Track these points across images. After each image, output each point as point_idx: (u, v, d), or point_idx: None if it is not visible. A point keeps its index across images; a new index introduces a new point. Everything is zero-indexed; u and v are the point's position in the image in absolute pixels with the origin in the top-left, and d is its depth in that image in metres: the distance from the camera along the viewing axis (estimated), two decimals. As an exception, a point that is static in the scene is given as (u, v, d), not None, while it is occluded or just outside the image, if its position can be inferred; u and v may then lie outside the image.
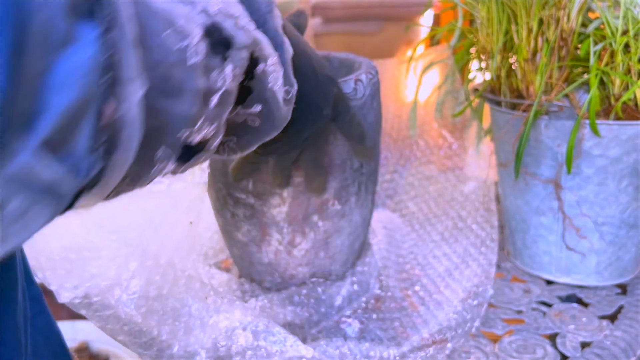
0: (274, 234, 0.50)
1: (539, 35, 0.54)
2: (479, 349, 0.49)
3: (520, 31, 0.55)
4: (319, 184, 0.47)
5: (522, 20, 0.54)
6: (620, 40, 0.50)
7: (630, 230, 0.55)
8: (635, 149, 0.51)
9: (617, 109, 0.51)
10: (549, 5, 0.52)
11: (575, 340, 0.50)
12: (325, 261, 0.52)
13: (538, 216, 0.57)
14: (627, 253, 0.56)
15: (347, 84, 0.46)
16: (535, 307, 0.55)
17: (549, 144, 0.54)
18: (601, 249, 0.56)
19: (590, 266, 0.57)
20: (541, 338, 0.50)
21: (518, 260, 0.62)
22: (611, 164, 0.52)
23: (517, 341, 0.50)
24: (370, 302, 0.54)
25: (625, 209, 0.54)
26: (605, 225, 0.55)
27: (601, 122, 0.50)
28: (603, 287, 0.58)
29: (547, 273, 0.59)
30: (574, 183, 0.54)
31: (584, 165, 0.53)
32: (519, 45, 0.55)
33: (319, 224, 0.49)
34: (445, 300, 0.54)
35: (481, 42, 0.60)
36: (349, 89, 0.46)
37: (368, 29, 2.43)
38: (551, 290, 0.58)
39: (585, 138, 0.51)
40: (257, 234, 0.50)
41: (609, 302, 0.55)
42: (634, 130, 0.50)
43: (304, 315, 0.50)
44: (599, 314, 0.54)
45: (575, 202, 0.54)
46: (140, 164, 0.23)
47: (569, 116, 0.52)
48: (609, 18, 0.51)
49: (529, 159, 0.56)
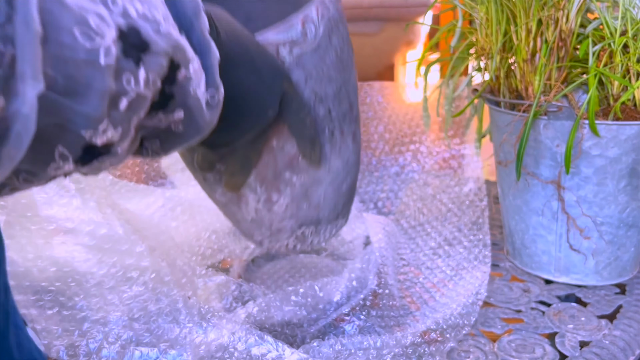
0: (249, 194, 0.47)
1: (537, 36, 0.54)
2: (478, 348, 0.49)
3: (519, 32, 0.55)
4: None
5: (521, 21, 0.55)
6: (619, 41, 0.50)
7: (629, 230, 0.55)
8: (634, 149, 0.51)
9: (616, 110, 0.51)
10: (547, 5, 0.53)
11: (574, 339, 0.50)
12: (311, 211, 0.49)
13: (537, 216, 0.57)
14: (625, 253, 0.57)
15: (293, 29, 0.40)
16: (534, 307, 0.55)
17: (548, 144, 0.54)
18: (600, 248, 0.56)
19: (589, 266, 0.57)
20: (540, 337, 0.51)
21: (517, 260, 0.63)
22: (610, 164, 0.52)
23: (516, 340, 0.50)
24: (369, 298, 0.54)
25: (624, 208, 0.54)
26: (604, 225, 0.55)
27: (600, 123, 0.51)
28: (602, 286, 0.58)
29: (546, 273, 0.59)
30: (573, 183, 0.54)
31: (582, 165, 0.53)
32: (518, 46, 0.55)
33: (293, 179, 0.47)
34: (445, 297, 0.54)
35: (480, 42, 0.60)
36: (296, 34, 0.40)
37: (368, 30, 2.44)
38: (550, 290, 0.58)
39: (584, 138, 0.52)
40: (232, 195, 0.48)
41: (607, 301, 0.56)
42: (632, 131, 0.50)
43: (302, 314, 0.50)
44: (597, 313, 0.54)
45: (574, 202, 0.54)
46: (35, 161, 0.23)
47: (568, 116, 0.52)
48: (608, 19, 0.51)
49: (528, 159, 0.56)
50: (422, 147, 0.77)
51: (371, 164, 0.79)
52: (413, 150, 0.78)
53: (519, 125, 0.54)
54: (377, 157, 0.78)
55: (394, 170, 0.78)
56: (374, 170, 0.79)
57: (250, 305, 0.50)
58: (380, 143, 0.77)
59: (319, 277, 0.56)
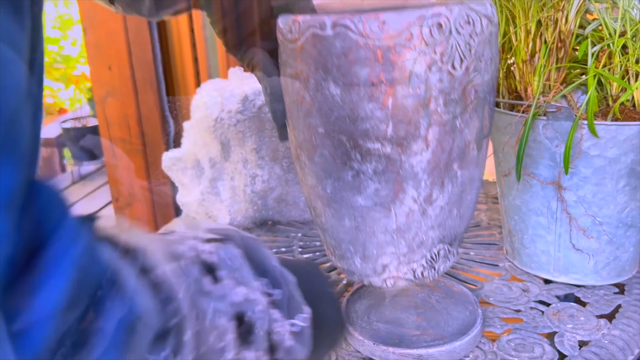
0: (410, 190, 0.43)
1: (537, 37, 0.55)
2: (477, 348, 0.49)
3: (518, 32, 0.55)
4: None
5: (520, 22, 0.55)
6: (618, 42, 0.50)
7: (628, 230, 0.56)
8: (633, 149, 0.51)
9: (615, 110, 0.51)
10: (547, 7, 0.53)
11: (574, 339, 0.50)
12: (456, 221, 0.46)
13: (536, 216, 0.58)
14: (625, 253, 0.57)
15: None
16: (534, 306, 0.56)
17: (547, 145, 0.54)
18: (599, 248, 0.56)
19: (589, 266, 0.57)
20: (539, 337, 0.51)
21: (516, 260, 0.63)
22: (609, 164, 0.52)
23: (515, 340, 0.50)
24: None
25: (623, 209, 0.54)
26: (603, 225, 0.55)
27: (599, 123, 0.51)
28: (601, 286, 0.58)
29: (545, 272, 0.60)
30: (572, 183, 0.54)
31: (581, 165, 0.53)
32: (517, 47, 0.56)
33: (458, 174, 0.43)
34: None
35: (480, 43, 0.60)
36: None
37: (367, 31, 2.43)
38: (549, 290, 0.58)
39: (583, 138, 0.52)
40: (388, 192, 0.43)
41: (607, 301, 0.56)
42: (631, 131, 0.51)
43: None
44: (597, 313, 0.54)
45: (573, 202, 0.55)
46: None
47: (567, 117, 0.52)
48: (607, 20, 0.52)
49: (527, 160, 0.56)
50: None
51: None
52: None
53: (518, 125, 0.54)
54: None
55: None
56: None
57: None
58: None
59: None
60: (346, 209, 0.45)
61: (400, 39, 0.38)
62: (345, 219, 0.45)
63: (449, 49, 0.39)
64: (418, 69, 0.39)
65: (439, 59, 0.39)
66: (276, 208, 0.79)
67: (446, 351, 0.47)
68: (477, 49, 0.40)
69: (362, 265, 0.47)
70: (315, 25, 0.40)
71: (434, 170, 0.42)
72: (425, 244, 0.45)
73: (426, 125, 0.40)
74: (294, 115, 0.45)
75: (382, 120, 0.40)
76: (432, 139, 0.41)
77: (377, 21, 0.38)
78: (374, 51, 0.38)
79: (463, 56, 0.40)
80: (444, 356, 0.47)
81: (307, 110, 0.43)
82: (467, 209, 0.47)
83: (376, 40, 0.38)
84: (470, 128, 0.42)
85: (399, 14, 0.38)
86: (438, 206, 0.44)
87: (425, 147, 0.41)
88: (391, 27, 0.38)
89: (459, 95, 0.41)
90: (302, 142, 0.45)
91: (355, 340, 0.50)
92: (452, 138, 0.42)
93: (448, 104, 0.40)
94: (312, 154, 0.44)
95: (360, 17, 0.38)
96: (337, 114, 0.41)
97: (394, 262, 0.46)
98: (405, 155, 0.41)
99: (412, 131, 0.40)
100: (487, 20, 0.41)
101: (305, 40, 0.40)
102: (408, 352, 0.47)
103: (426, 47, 0.38)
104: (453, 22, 0.39)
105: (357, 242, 0.46)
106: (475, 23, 0.40)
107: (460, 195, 0.45)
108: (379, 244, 0.45)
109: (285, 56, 0.43)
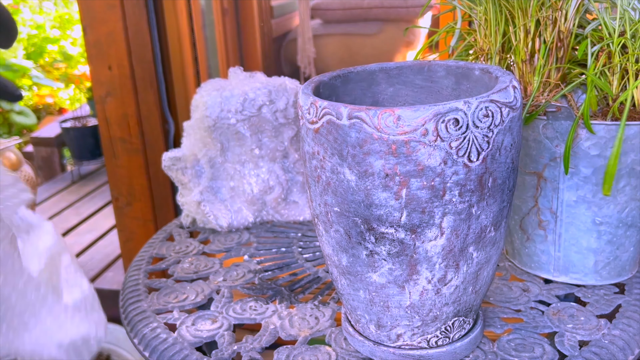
0: (424, 271, 0.43)
1: (536, 37, 0.55)
2: (477, 348, 0.49)
3: (517, 32, 0.55)
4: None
5: (519, 22, 0.55)
6: (617, 42, 0.50)
7: (628, 229, 0.56)
8: (633, 149, 0.51)
9: (615, 110, 0.51)
10: (546, 6, 0.53)
11: (574, 339, 0.50)
12: (472, 296, 0.46)
13: (536, 216, 0.58)
14: (625, 252, 0.57)
15: (507, 92, 0.41)
16: (534, 306, 0.56)
17: (547, 144, 0.54)
18: (599, 248, 0.56)
19: (589, 265, 0.57)
20: (539, 337, 0.51)
21: (516, 260, 0.63)
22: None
23: (515, 340, 0.50)
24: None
25: (623, 208, 0.54)
26: (603, 225, 0.55)
27: (599, 123, 0.51)
28: (601, 286, 0.58)
29: (545, 272, 0.60)
30: (572, 183, 0.54)
31: (581, 165, 0.53)
32: (517, 46, 0.56)
33: (473, 256, 0.43)
34: None
35: (479, 43, 0.60)
36: (508, 97, 0.41)
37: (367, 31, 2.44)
38: (549, 290, 0.58)
39: (583, 138, 0.52)
40: (401, 273, 0.43)
41: (607, 301, 0.56)
42: (631, 131, 0.51)
43: None
44: (597, 313, 0.54)
45: (573, 202, 0.55)
46: None
47: (567, 116, 0.52)
48: (607, 19, 0.52)
49: (527, 159, 0.56)
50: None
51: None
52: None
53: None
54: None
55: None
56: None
57: None
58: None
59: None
60: (361, 282, 0.45)
61: (415, 134, 0.38)
62: (360, 291, 0.46)
63: (465, 142, 0.39)
64: (432, 163, 0.39)
65: (455, 152, 0.39)
66: (276, 208, 0.79)
67: (446, 351, 0.47)
68: (495, 138, 0.40)
69: (377, 332, 0.48)
70: (332, 113, 0.40)
71: (449, 255, 0.42)
72: (440, 318, 0.46)
73: (441, 215, 0.41)
74: (312, 188, 0.45)
75: (396, 208, 0.41)
76: (447, 226, 0.41)
77: (392, 116, 0.38)
78: (388, 144, 0.38)
79: (480, 149, 0.39)
80: (444, 356, 0.47)
81: (324, 188, 0.43)
82: (483, 285, 0.47)
83: (391, 135, 0.38)
84: (487, 213, 0.42)
85: (415, 110, 0.38)
86: (453, 285, 0.44)
87: (440, 234, 0.41)
88: (406, 123, 0.38)
89: (475, 186, 0.41)
90: (319, 214, 0.46)
91: (355, 340, 0.50)
92: (467, 225, 0.42)
93: (464, 194, 0.40)
94: (328, 227, 0.45)
95: (376, 112, 0.38)
96: (351, 197, 0.42)
97: (408, 333, 0.46)
98: (419, 241, 0.42)
99: (426, 220, 0.41)
100: (508, 109, 0.40)
101: (322, 125, 0.41)
102: (408, 353, 0.47)
103: (441, 143, 0.38)
104: (470, 116, 0.38)
105: (371, 312, 0.47)
106: (495, 115, 0.39)
107: (476, 274, 0.45)
108: (392, 316, 0.46)
109: (304, 133, 0.44)
